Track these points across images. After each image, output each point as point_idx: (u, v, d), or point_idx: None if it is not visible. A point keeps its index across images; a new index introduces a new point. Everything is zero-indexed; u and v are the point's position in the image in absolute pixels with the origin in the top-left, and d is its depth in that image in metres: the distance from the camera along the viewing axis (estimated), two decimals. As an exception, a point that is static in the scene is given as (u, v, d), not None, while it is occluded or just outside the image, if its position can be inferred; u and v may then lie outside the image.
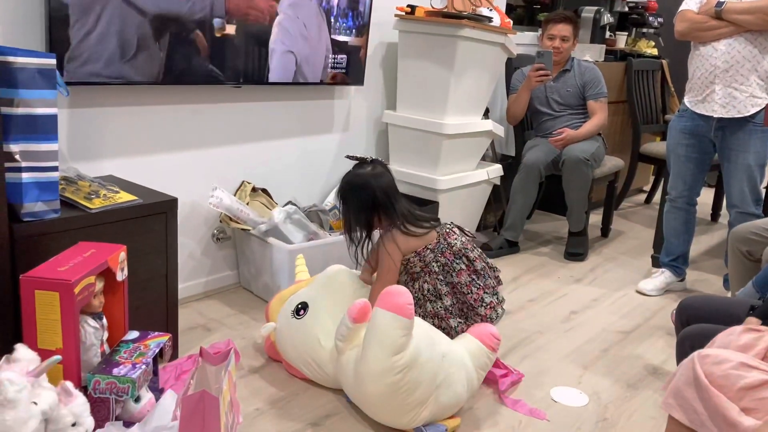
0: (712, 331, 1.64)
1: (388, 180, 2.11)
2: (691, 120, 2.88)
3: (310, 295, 2.18)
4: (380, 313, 1.80)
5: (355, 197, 2.10)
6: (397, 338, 1.77)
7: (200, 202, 2.69)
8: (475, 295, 2.11)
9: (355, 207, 2.10)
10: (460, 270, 2.11)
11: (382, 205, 2.07)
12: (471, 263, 2.13)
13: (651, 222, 4.26)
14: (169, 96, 2.50)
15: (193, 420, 1.48)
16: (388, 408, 1.83)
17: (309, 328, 2.08)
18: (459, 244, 2.12)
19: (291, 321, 2.13)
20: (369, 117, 3.34)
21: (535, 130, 3.74)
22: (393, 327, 1.77)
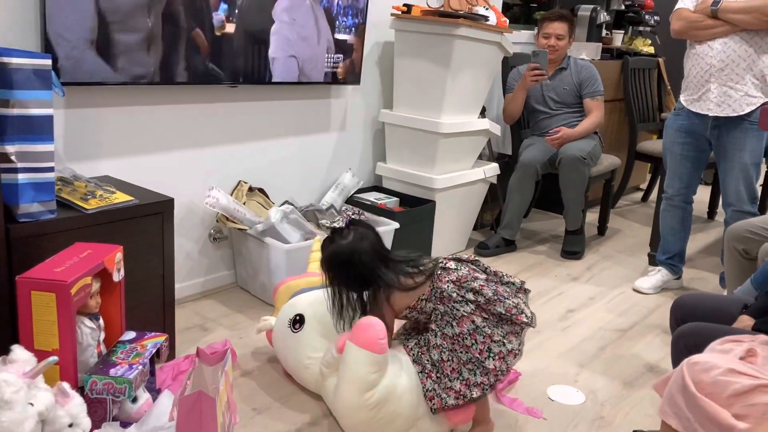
0: (707, 330, 1.64)
1: (372, 242, 1.86)
2: (687, 118, 2.89)
3: (308, 309, 2.09)
4: (351, 348, 1.77)
5: (343, 273, 1.87)
6: (367, 375, 1.75)
7: (197, 202, 2.69)
8: (480, 345, 1.77)
9: (345, 282, 1.89)
10: (461, 317, 1.78)
11: (372, 274, 1.84)
12: (479, 294, 1.79)
13: (647, 220, 4.26)
14: (165, 96, 2.50)
15: (190, 420, 1.48)
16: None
17: (300, 347, 2.06)
18: (451, 287, 1.81)
19: (286, 330, 2.11)
20: (366, 116, 3.34)
21: (532, 128, 3.74)
22: (363, 363, 1.74)
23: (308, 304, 2.11)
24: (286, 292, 2.28)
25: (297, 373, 2.09)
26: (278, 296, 2.31)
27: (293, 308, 2.13)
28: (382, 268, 1.83)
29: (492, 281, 1.85)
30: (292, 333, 2.08)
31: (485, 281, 1.82)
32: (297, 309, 2.11)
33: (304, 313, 2.09)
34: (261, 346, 2.38)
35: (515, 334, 1.79)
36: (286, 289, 2.29)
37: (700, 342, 1.58)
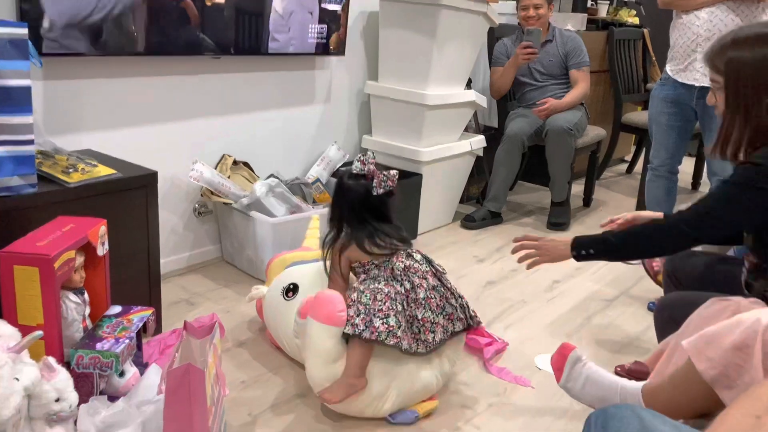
0: (692, 298, 1.65)
1: (361, 196, 1.89)
2: (673, 88, 2.89)
3: (302, 279, 2.10)
4: (312, 324, 1.77)
5: (336, 204, 1.95)
6: (331, 348, 1.75)
7: (180, 176, 2.65)
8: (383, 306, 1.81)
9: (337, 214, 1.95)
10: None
11: (349, 220, 1.91)
12: (412, 289, 1.83)
13: (632, 192, 4.28)
14: (147, 67, 2.45)
15: (179, 393, 1.47)
16: (346, 405, 1.81)
17: (292, 313, 2.04)
18: (402, 267, 1.85)
19: (278, 298, 2.10)
20: (351, 88, 3.30)
21: (518, 100, 3.73)
22: (325, 338, 1.75)
23: (303, 275, 2.11)
24: (279, 265, 2.27)
25: (285, 342, 2.08)
26: (271, 268, 2.30)
27: (288, 277, 2.14)
28: (355, 222, 1.89)
29: (437, 294, 1.86)
30: (284, 301, 2.07)
31: (430, 288, 1.85)
32: (291, 278, 2.12)
33: (299, 283, 2.08)
34: (248, 320, 2.37)
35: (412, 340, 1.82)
36: (280, 261, 2.29)
37: (685, 313, 1.59)
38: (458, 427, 1.85)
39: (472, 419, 1.88)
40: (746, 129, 1.53)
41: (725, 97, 1.57)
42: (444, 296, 1.87)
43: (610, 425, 1.06)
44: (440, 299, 1.86)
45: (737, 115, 1.54)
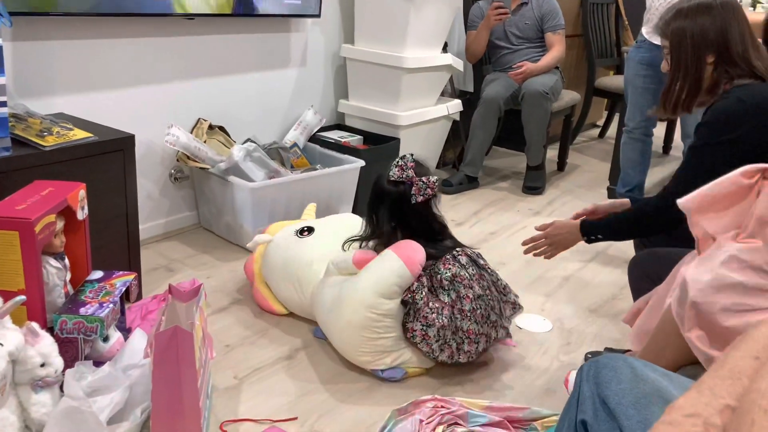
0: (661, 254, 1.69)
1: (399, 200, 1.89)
2: (649, 51, 2.90)
3: (319, 225, 2.22)
4: (390, 256, 1.81)
5: (382, 204, 1.93)
6: (392, 285, 1.78)
7: (155, 140, 2.61)
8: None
9: (381, 211, 1.94)
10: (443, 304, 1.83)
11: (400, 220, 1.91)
12: (458, 299, 1.82)
13: (605, 156, 4.33)
14: (119, 28, 2.39)
15: (167, 355, 1.46)
16: (353, 341, 1.84)
17: (306, 248, 2.11)
18: (449, 276, 1.83)
19: (291, 237, 2.15)
20: (326, 51, 3.26)
21: (494, 64, 3.72)
22: (394, 273, 1.78)
23: (317, 222, 2.24)
24: (278, 226, 2.34)
25: (297, 273, 2.08)
26: (270, 228, 2.34)
27: (300, 224, 2.25)
28: (394, 228, 1.90)
29: (482, 303, 1.83)
30: (297, 238, 2.15)
31: (476, 297, 1.82)
32: (306, 224, 2.23)
33: (314, 226, 2.19)
34: (229, 286, 2.36)
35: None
36: (279, 224, 2.36)
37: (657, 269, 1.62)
38: (444, 384, 1.87)
39: (456, 376, 1.91)
40: (685, 86, 1.75)
41: (670, 60, 1.79)
42: (489, 305, 1.84)
43: (602, 374, 1.08)
44: (485, 308, 1.83)
45: (678, 74, 1.76)
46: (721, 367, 0.76)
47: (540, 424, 1.56)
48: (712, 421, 0.70)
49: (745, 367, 0.75)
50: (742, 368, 0.75)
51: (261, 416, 1.69)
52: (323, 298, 1.94)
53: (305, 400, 1.77)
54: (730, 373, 0.75)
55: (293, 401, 1.76)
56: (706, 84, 1.74)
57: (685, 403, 0.74)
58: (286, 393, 1.80)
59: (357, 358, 1.87)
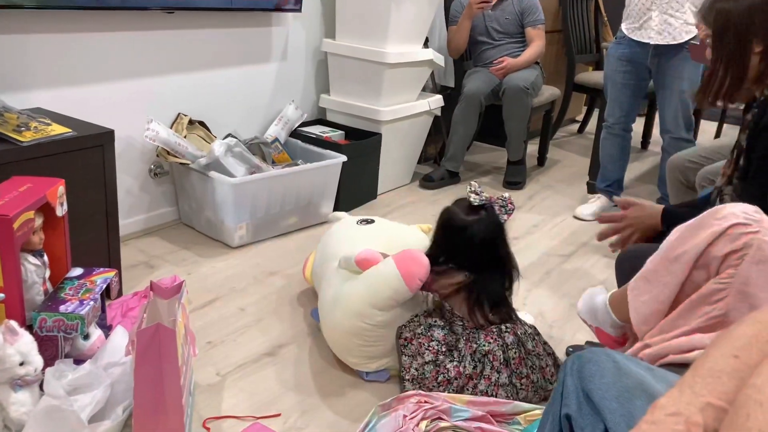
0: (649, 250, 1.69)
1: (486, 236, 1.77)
2: (629, 47, 2.93)
3: (383, 225, 2.20)
4: (389, 266, 1.74)
5: (449, 238, 1.81)
6: (387, 299, 1.74)
7: (135, 136, 2.58)
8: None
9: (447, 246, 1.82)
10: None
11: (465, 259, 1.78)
12: (479, 375, 1.72)
13: (585, 151, 4.36)
14: (98, 22, 2.36)
15: (149, 353, 1.45)
16: (343, 342, 1.83)
17: (361, 236, 2.08)
18: (484, 351, 1.72)
19: (351, 224, 2.18)
20: (307, 46, 3.24)
21: (474, 59, 3.73)
22: (390, 287, 1.72)
23: (384, 222, 2.23)
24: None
25: (330, 254, 2.04)
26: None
27: (353, 218, 2.27)
28: (469, 268, 1.76)
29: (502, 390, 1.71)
30: (357, 225, 2.16)
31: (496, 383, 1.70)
32: (371, 217, 2.26)
33: (377, 222, 2.19)
34: (211, 282, 2.35)
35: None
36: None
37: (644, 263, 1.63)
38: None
39: (439, 372, 1.91)
40: (727, 77, 1.64)
41: (712, 47, 1.67)
42: (509, 392, 1.71)
43: (586, 369, 1.09)
44: (500, 393, 1.71)
45: (721, 64, 1.64)
46: (702, 366, 0.78)
47: (523, 418, 1.57)
48: (693, 419, 0.72)
49: (724, 366, 0.76)
50: (721, 367, 0.76)
51: (244, 413, 1.69)
52: (325, 293, 1.91)
53: (288, 396, 1.77)
54: (710, 372, 0.76)
55: (276, 398, 1.76)
56: (752, 74, 1.63)
57: (667, 402, 0.75)
58: (269, 389, 1.79)
59: (346, 357, 1.86)
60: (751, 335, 0.78)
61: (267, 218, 2.67)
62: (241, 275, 2.41)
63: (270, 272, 2.45)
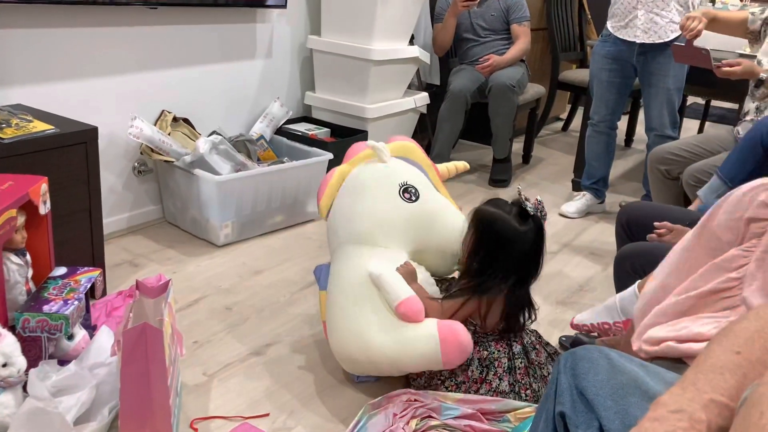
0: (650, 249, 1.70)
1: (528, 249, 1.67)
2: (614, 45, 2.93)
3: (418, 183, 1.85)
4: (431, 341, 1.59)
5: (492, 244, 1.67)
6: (414, 366, 1.64)
7: (118, 133, 2.55)
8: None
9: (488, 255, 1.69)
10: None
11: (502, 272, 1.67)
12: (482, 380, 1.70)
13: (569, 148, 4.37)
14: (80, 17, 2.32)
15: (136, 353, 1.43)
16: (339, 352, 1.74)
17: (400, 220, 1.79)
18: (492, 358, 1.70)
19: (393, 191, 1.80)
20: (293, 42, 3.22)
21: (460, 57, 3.72)
22: (425, 359, 1.60)
23: (413, 176, 1.86)
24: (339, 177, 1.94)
25: (363, 232, 1.79)
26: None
27: (404, 173, 1.85)
28: (513, 280, 1.67)
29: (508, 393, 1.68)
30: (399, 197, 1.79)
31: (495, 390, 1.68)
32: (410, 180, 1.84)
33: (420, 192, 1.82)
34: (196, 281, 2.33)
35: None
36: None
37: (645, 263, 1.63)
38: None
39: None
40: None
41: None
42: (506, 398, 1.68)
43: (579, 366, 1.08)
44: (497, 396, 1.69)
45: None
46: (704, 362, 0.77)
47: (513, 416, 1.57)
48: (696, 416, 0.71)
49: (726, 362, 0.76)
50: (723, 363, 0.76)
51: (232, 413, 1.67)
52: (341, 298, 1.72)
53: (276, 395, 1.75)
54: (711, 368, 0.75)
55: (264, 397, 1.74)
56: None
57: (669, 399, 0.74)
58: (257, 389, 1.77)
59: (338, 358, 1.78)
60: (753, 331, 0.78)
61: (253, 216, 2.65)
62: (227, 274, 2.39)
63: (256, 271, 2.43)
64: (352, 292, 1.70)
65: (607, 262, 2.72)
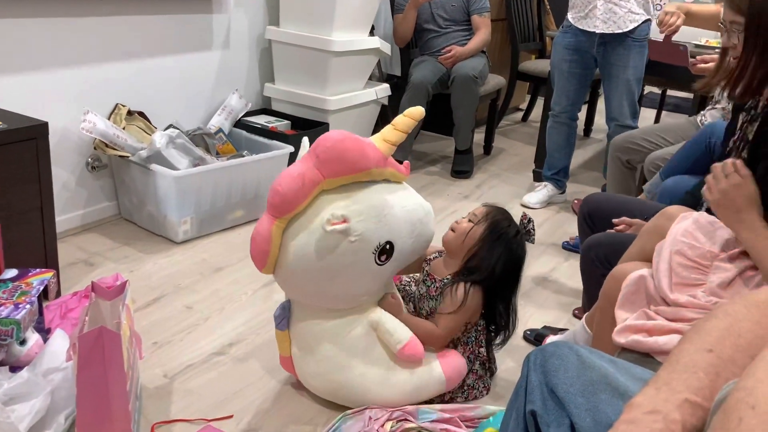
0: (615, 238, 1.70)
1: (508, 263, 1.70)
2: (575, 36, 2.94)
3: (396, 238, 1.55)
4: (437, 376, 1.61)
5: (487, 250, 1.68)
6: (424, 396, 1.64)
7: (70, 128, 2.46)
8: None
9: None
10: None
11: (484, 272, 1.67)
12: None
13: (529, 139, 4.39)
14: (28, 7, 2.23)
15: (93, 358, 1.38)
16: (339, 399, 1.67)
17: (383, 283, 1.63)
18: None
19: (368, 259, 1.51)
20: (251, 33, 3.15)
21: (421, 48, 3.70)
22: (433, 391, 1.64)
23: (394, 230, 1.54)
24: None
25: (342, 308, 1.60)
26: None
27: (373, 235, 1.50)
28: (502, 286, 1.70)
29: None
30: (378, 266, 1.53)
31: None
32: (380, 234, 1.51)
33: (395, 242, 1.54)
34: (155, 279, 2.26)
35: None
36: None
37: (609, 252, 1.64)
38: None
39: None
40: (759, 69, 1.53)
41: (745, 38, 1.55)
42: (484, 382, 1.79)
43: (549, 363, 1.07)
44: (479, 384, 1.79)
45: (754, 56, 1.53)
46: (677, 361, 0.76)
47: (488, 417, 1.56)
48: (671, 416, 0.70)
49: (699, 360, 0.75)
50: (696, 361, 0.75)
51: (194, 416, 1.63)
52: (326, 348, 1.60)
53: (240, 396, 1.71)
54: (685, 367, 0.75)
55: (228, 398, 1.70)
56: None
57: (643, 400, 0.73)
58: (220, 390, 1.73)
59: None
60: (723, 328, 0.78)
61: (212, 212, 2.59)
62: (187, 272, 2.33)
63: (216, 268, 2.38)
64: (348, 344, 1.59)
65: (570, 252, 2.74)
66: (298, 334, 1.65)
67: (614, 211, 1.84)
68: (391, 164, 1.58)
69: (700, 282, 1.37)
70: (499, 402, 1.73)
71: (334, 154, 1.44)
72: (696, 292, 1.35)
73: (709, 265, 1.38)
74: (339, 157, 1.45)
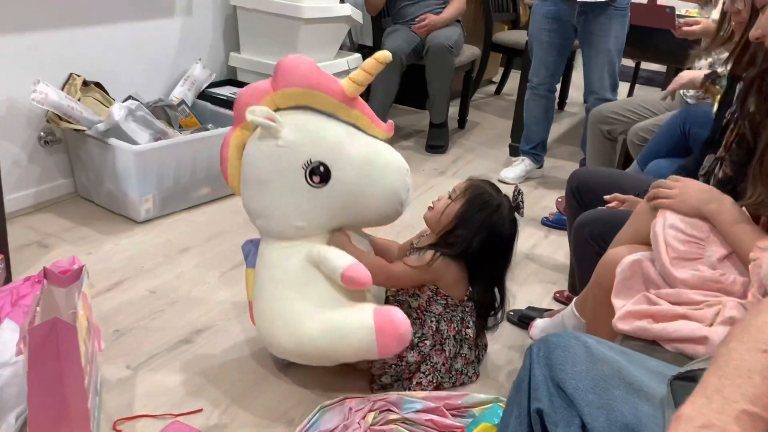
0: (610, 215, 1.62)
1: (495, 237, 1.65)
2: (554, 5, 2.84)
3: (332, 159, 1.51)
4: (366, 328, 1.44)
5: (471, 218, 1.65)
6: (345, 355, 1.50)
7: (20, 99, 2.29)
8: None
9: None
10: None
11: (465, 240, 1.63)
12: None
13: (504, 112, 4.30)
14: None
15: (45, 352, 1.25)
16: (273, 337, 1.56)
17: (314, 206, 1.53)
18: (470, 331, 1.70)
19: (299, 179, 1.50)
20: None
21: (394, 16, 3.56)
22: (357, 349, 1.46)
23: (327, 149, 1.50)
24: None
25: (281, 232, 1.56)
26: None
27: (304, 147, 1.49)
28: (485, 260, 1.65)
29: None
30: (310, 187, 1.51)
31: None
32: (315, 152, 1.49)
33: (331, 166, 1.50)
34: (115, 262, 2.13)
35: None
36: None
37: (603, 230, 1.56)
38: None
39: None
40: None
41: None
42: (474, 368, 1.73)
43: (554, 356, 0.97)
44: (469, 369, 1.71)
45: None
46: (726, 364, 0.66)
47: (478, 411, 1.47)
48: (730, 430, 0.60)
49: (753, 363, 0.65)
50: (751, 364, 0.65)
51: (160, 410, 1.52)
52: (268, 282, 1.56)
53: (209, 388, 1.60)
54: (738, 372, 0.64)
55: (196, 390, 1.59)
56: None
57: (693, 412, 0.63)
58: (188, 382, 1.62)
59: (265, 343, 1.62)
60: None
61: (176, 189, 2.45)
62: (150, 253, 2.19)
63: (182, 249, 2.25)
64: (282, 276, 1.53)
65: (550, 228, 2.66)
66: (256, 274, 1.61)
67: (604, 186, 1.77)
68: (361, 109, 1.60)
69: (698, 256, 1.30)
70: (488, 389, 1.65)
71: (286, 65, 1.53)
72: (698, 266, 1.28)
73: (704, 238, 1.31)
74: (290, 67, 1.52)
